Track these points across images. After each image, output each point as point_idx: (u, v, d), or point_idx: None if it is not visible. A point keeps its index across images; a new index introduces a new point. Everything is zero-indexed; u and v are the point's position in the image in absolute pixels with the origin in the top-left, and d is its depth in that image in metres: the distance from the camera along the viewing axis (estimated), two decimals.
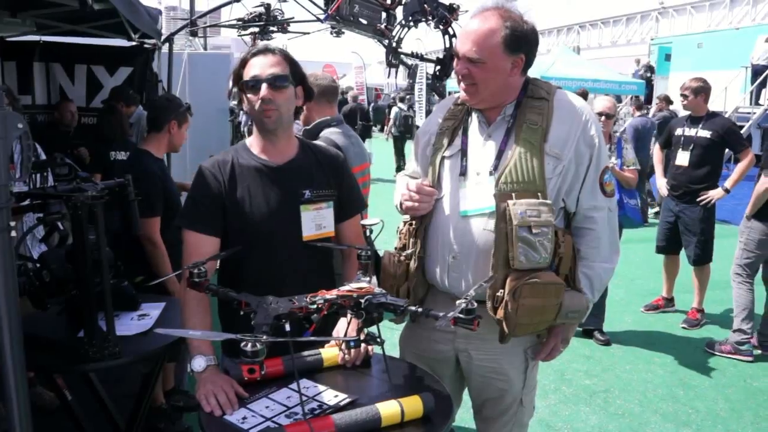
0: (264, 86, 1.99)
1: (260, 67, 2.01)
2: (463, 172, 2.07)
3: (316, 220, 2.13)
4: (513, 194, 1.92)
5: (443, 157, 2.13)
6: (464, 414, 2.54)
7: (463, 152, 2.10)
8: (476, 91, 2.03)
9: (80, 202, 2.07)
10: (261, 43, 2.10)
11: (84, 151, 5.34)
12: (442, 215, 2.08)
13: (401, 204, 2.15)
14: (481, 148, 2.09)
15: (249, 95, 2.03)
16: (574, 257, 2.03)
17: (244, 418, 1.62)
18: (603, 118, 4.62)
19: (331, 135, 3.05)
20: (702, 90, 5.24)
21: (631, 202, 4.78)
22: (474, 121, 2.14)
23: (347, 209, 2.25)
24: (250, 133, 2.19)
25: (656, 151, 5.94)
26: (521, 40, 1.98)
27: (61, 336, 2.34)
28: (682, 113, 6.46)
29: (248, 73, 2.02)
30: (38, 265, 2.29)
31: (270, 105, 2.01)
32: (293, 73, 2.07)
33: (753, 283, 4.73)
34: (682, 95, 5.30)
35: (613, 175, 4.57)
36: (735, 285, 4.77)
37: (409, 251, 2.14)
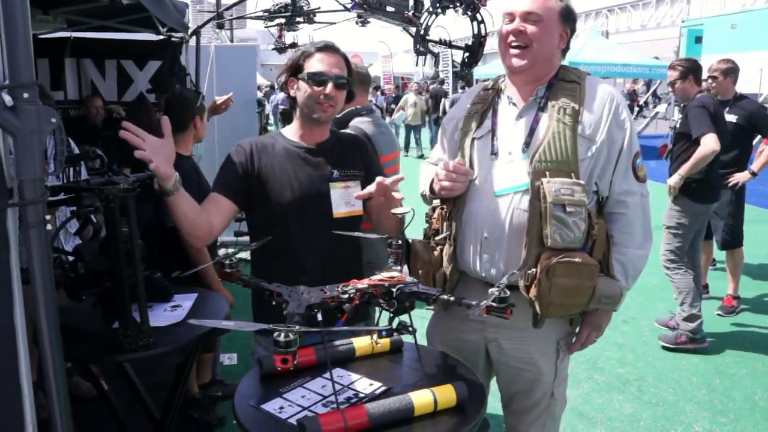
0: (330, 83, 2.12)
1: (328, 64, 2.16)
2: (495, 152, 2.06)
3: (345, 198, 2.21)
4: (547, 173, 1.91)
5: (473, 139, 2.12)
6: (494, 403, 2.53)
7: (493, 132, 2.09)
8: (528, 52, 2.01)
9: (112, 195, 2.08)
10: (321, 40, 2.22)
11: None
12: (475, 196, 2.07)
13: (431, 188, 2.14)
14: (512, 128, 2.07)
15: (311, 87, 2.14)
16: (607, 242, 2.00)
17: (281, 407, 1.62)
18: None
19: (361, 124, 3.05)
20: (731, 71, 5.11)
21: None
22: (504, 102, 2.13)
23: None
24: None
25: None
26: (570, 15, 2.04)
27: (96, 327, 2.37)
28: None
29: (313, 66, 2.15)
30: (73, 257, 2.32)
31: (331, 101, 2.16)
32: (349, 75, 2.22)
33: (688, 266, 4.64)
34: (710, 77, 5.15)
35: None
36: (671, 274, 4.66)
37: (442, 235, 2.13)
